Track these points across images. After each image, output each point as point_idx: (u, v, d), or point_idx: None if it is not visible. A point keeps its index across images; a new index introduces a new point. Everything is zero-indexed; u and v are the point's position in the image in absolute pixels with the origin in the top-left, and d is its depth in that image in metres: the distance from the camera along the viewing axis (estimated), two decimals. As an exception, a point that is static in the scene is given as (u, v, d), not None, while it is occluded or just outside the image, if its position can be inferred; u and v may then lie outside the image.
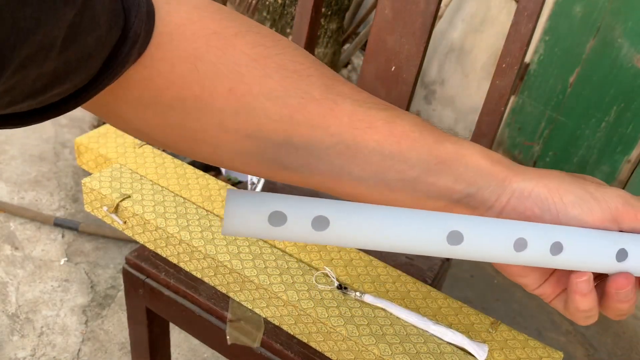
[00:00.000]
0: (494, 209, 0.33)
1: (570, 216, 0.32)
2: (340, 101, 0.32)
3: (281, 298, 0.61)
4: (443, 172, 0.32)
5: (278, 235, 0.30)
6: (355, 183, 0.33)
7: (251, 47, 0.30)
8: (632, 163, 1.39)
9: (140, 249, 0.75)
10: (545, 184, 0.33)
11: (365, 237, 0.31)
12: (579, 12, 1.52)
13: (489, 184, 0.33)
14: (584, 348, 1.46)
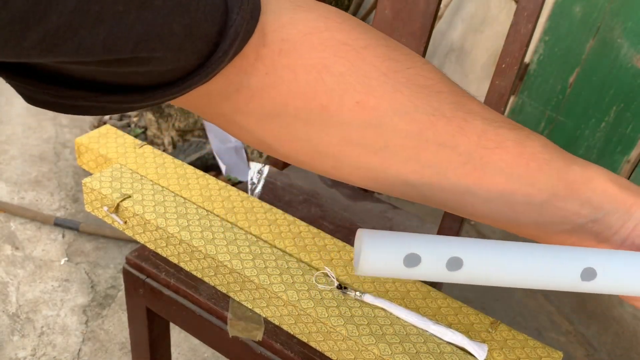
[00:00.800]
0: (619, 235, 0.32)
1: None
2: (470, 119, 0.30)
3: (281, 298, 0.61)
4: (571, 197, 0.31)
5: (412, 275, 0.30)
6: (479, 204, 0.32)
7: (381, 60, 0.29)
8: (632, 163, 1.39)
9: (140, 249, 0.75)
10: None
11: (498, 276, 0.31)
12: (578, 12, 1.52)
13: (616, 209, 0.32)
14: (584, 348, 1.46)
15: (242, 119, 0.30)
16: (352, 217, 0.88)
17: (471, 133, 0.30)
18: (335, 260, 0.68)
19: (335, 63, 0.28)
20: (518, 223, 0.33)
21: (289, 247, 0.69)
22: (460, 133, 0.30)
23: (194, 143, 1.83)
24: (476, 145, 0.30)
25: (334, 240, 0.71)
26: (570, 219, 0.32)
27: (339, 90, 0.29)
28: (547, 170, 0.31)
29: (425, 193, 0.32)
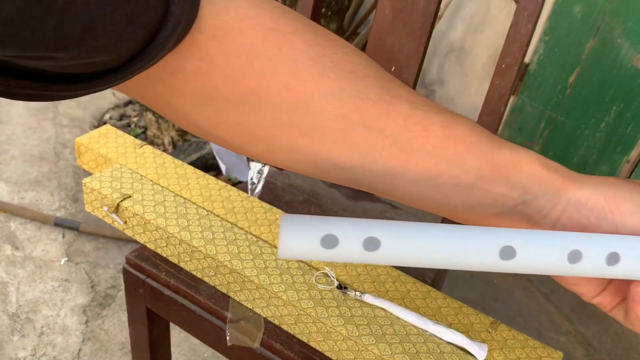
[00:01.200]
0: (550, 218, 0.32)
1: (628, 225, 0.32)
2: (396, 103, 0.31)
3: (281, 298, 0.61)
4: (499, 179, 0.32)
5: (331, 257, 0.30)
6: (409, 187, 0.32)
7: (309, 45, 0.30)
8: (632, 163, 1.39)
9: (140, 249, 0.75)
10: (602, 192, 0.32)
11: (416, 256, 0.31)
12: (578, 12, 1.52)
13: (546, 192, 0.32)
14: (584, 348, 1.46)
15: (178, 103, 0.31)
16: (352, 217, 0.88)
17: (397, 116, 0.31)
18: (335, 260, 0.68)
19: (264, 48, 0.29)
20: (449, 206, 0.33)
21: (289, 247, 0.69)
22: (386, 116, 0.31)
23: (194, 143, 1.83)
24: (402, 129, 0.31)
25: (334, 240, 0.71)
26: (500, 202, 0.32)
27: (268, 74, 0.30)
28: (474, 152, 0.32)
29: (356, 176, 0.33)
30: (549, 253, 0.31)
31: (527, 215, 0.33)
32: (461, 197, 0.32)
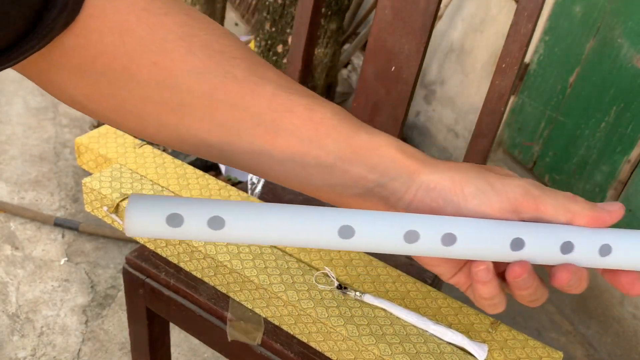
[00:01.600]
0: (404, 201, 0.34)
1: (470, 207, 0.33)
2: (262, 84, 0.33)
3: (281, 298, 0.61)
4: (357, 161, 0.34)
5: (176, 236, 0.32)
6: (275, 165, 0.34)
7: (179, 26, 0.32)
8: (632, 163, 1.39)
9: (140, 249, 0.75)
10: (450, 176, 0.33)
11: (260, 234, 0.32)
12: (579, 12, 1.52)
13: (400, 175, 0.34)
14: (584, 348, 1.46)
15: (57, 76, 0.33)
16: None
17: (262, 97, 0.33)
18: (335, 260, 0.68)
19: (137, 27, 0.31)
20: (314, 185, 0.35)
21: (289, 247, 0.69)
22: (251, 96, 0.33)
23: (194, 143, 1.83)
24: (267, 108, 0.33)
25: (334, 240, 0.71)
26: (359, 183, 0.34)
27: (138, 51, 0.31)
28: (334, 135, 0.33)
29: (224, 153, 0.34)
30: (386, 233, 0.32)
31: (384, 197, 0.34)
32: (324, 176, 0.34)
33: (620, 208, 0.33)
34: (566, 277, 0.32)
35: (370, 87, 0.86)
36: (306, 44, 0.89)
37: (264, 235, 0.32)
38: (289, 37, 1.57)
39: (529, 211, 0.33)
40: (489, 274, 0.33)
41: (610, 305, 1.43)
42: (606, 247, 0.33)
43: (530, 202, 0.33)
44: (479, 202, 0.33)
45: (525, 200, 0.33)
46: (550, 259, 0.33)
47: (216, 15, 1.85)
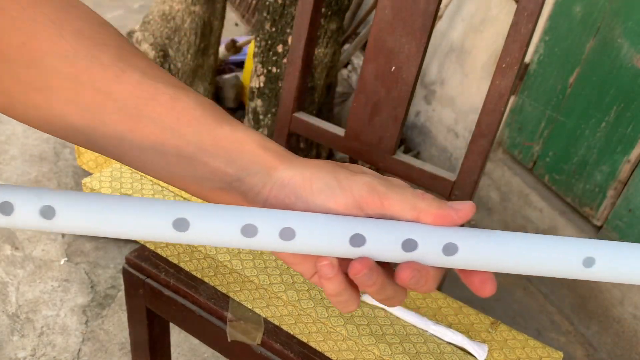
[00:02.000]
0: (261, 196, 0.34)
1: (317, 203, 0.33)
2: (128, 71, 0.34)
3: (281, 298, 0.61)
4: (217, 154, 0.34)
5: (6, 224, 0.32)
6: (137, 153, 0.35)
7: (53, 10, 0.33)
8: (632, 163, 1.39)
9: (140, 249, 0.75)
10: (302, 172, 0.34)
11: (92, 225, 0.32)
12: (579, 12, 1.52)
13: (258, 170, 0.34)
14: (584, 348, 1.46)
15: None
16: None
17: (127, 83, 0.33)
18: (335, 260, 0.68)
19: (10, 7, 0.32)
20: (176, 176, 0.35)
21: (289, 247, 0.69)
22: (115, 81, 0.33)
23: (194, 143, 1.83)
24: (131, 95, 0.33)
25: (334, 240, 0.71)
26: (219, 176, 0.34)
27: (9, 31, 0.32)
28: (196, 125, 0.34)
29: (89, 137, 0.35)
30: (224, 226, 0.32)
31: (243, 192, 0.34)
32: (184, 167, 0.34)
33: (469, 207, 0.33)
34: (407, 274, 0.32)
35: (370, 87, 0.86)
36: (306, 44, 0.89)
37: (96, 226, 0.32)
38: (289, 37, 1.57)
39: (374, 208, 0.33)
40: (332, 270, 0.33)
41: (610, 305, 1.43)
42: (451, 245, 0.32)
43: (375, 199, 0.33)
44: (325, 197, 0.33)
45: (370, 196, 0.33)
46: (393, 256, 0.33)
47: (216, 15, 1.86)
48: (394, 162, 0.87)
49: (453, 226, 0.33)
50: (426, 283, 0.33)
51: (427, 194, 0.34)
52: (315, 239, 0.32)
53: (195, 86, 1.91)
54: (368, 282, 0.32)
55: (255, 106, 1.68)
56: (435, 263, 0.33)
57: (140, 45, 1.82)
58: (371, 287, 0.33)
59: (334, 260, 0.33)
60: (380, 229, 0.33)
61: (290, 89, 0.92)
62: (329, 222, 0.32)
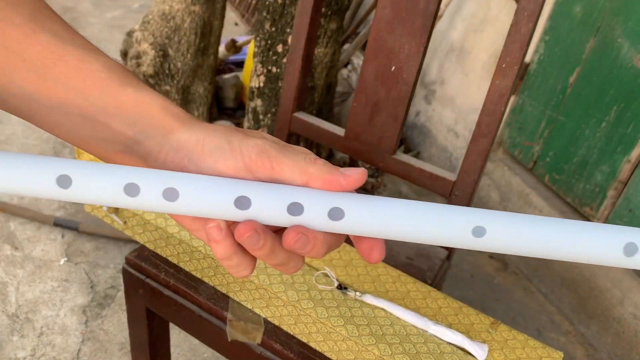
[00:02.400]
0: (159, 160, 0.34)
1: (207, 165, 0.33)
2: (39, 31, 0.34)
3: (281, 298, 0.61)
4: (118, 116, 0.34)
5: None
6: (44, 113, 0.35)
7: None
8: (632, 163, 1.39)
9: (140, 249, 0.74)
10: (197, 134, 0.34)
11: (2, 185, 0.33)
12: (579, 12, 1.52)
13: (156, 134, 0.34)
14: (584, 348, 1.46)
15: None
16: None
17: (37, 43, 0.34)
18: (335, 260, 0.68)
19: None
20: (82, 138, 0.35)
21: (289, 247, 0.68)
22: (25, 41, 0.34)
23: (194, 143, 1.83)
24: (39, 55, 0.34)
25: (334, 240, 0.71)
26: (120, 139, 0.34)
27: None
28: (100, 87, 0.34)
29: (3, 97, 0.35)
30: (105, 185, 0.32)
31: (142, 155, 0.34)
32: (88, 129, 0.35)
33: (360, 174, 0.33)
34: (292, 237, 0.32)
35: (370, 87, 0.86)
36: (306, 44, 0.89)
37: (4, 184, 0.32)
38: (289, 36, 1.57)
39: (264, 171, 0.33)
40: (220, 233, 0.32)
41: (610, 305, 1.43)
42: (338, 210, 0.32)
43: (265, 162, 0.33)
44: (215, 160, 0.33)
45: (259, 159, 0.33)
46: (279, 219, 0.32)
47: (216, 15, 1.86)
48: (394, 162, 0.87)
49: (341, 192, 0.33)
50: (314, 248, 0.33)
51: (320, 159, 0.34)
52: (199, 200, 0.32)
53: (195, 86, 1.91)
54: (255, 245, 0.32)
55: (255, 106, 1.68)
56: (322, 227, 0.33)
57: (140, 45, 1.82)
58: (260, 251, 0.33)
59: (222, 222, 0.33)
60: (266, 192, 0.32)
61: (290, 89, 0.92)
62: (214, 184, 0.32)
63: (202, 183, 0.32)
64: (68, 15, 2.92)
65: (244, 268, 0.34)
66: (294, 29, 0.89)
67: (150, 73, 1.82)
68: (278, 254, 0.33)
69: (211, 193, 0.32)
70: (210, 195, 0.32)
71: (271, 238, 0.32)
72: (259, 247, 0.32)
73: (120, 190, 0.32)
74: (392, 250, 0.83)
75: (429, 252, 0.85)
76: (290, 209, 0.32)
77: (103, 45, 2.64)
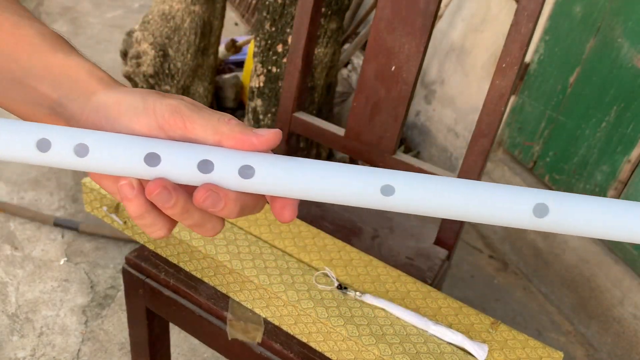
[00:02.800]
0: (80, 122, 0.35)
1: (122, 124, 0.34)
2: None
3: (281, 298, 0.61)
4: (45, 79, 0.35)
5: None
6: None
7: None
8: (633, 163, 1.39)
9: (140, 249, 0.74)
10: (116, 96, 0.34)
11: None
12: (579, 12, 1.52)
13: (79, 96, 0.35)
14: (584, 348, 1.46)
15: None
16: (352, 217, 0.88)
17: None
18: (335, 260, 0.68)
19: None
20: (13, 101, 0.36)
21: (289, 247, 0.68)
22: None
23: (194, 143, 1.83)
24: None
25: (334, 240, 0.71)
26: (46, 102, 0.35)
27: None
28: (30, 51, 0.35)
29: None
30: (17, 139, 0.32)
31: (66, 118, 0.35)
32: (18, 91, 0.36)
33: (273, 134, 0.33)
34: (201, 194, 0.32)
35: (370, 87, 0.86)
36: (306, 44, 0.88)
37: None
38: (289, 36, 1.56)
39: (177, 130, 0.33)
40: (132, 191, 0.33)
41: (611, 305, 1.43)
42: (248, 169, 0.32)
43: (178, 121, 0.33)
44: (130, 119, 0.33)
45: (172, 118, 0.33)
46: (190, 177, 0.33)
47: (216, 15, 1.85)
48: (394, 162, 0.87)
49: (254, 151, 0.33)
50: (225, 206, 0.33)
51: (235, 119, 0.34)
52: (109, 156, 0.32)
53: (195, 86, 1.91)
54: (166, 203, 0.32)
55: (255, 106, 1.68)
56: (232, 186, 0.33)
57: (140, 45, 1.82)
58: (172, 209, 0.33)
59: (134, 180, 0.33)
60: (176, 150, 0.33)
61: (290, 89, 0.92)
62: (124, 140, 0.33)
63: (112, 140, 0.33)
64: (68, 15, 2.92)
65: (158, 228, 0.35)
66: (294, 29, 0.89)
67: (150, 73, 1.82)
68: (192, 214, 0.34)
69: (121, 150, 0.32)
70: (120, 152, 0.32)
71: (183, 197, 0.33)
72: (171, 205, 0.32)
73: (32, 146, 0.32)
74: (392, 250, 0.83)
75: (429, 252, 0.85)
76: (201, 167, 0.32)
77: (103, 45, 2.64)
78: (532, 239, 1.67)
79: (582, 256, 1.51)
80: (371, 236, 0.84)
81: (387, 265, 0.69)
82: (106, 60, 2.43)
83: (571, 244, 1.55)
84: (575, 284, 1.54)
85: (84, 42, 2.62)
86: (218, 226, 0.35)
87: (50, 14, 2.86)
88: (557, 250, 1.59)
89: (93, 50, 2.54)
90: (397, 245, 0.84)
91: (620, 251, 1.41)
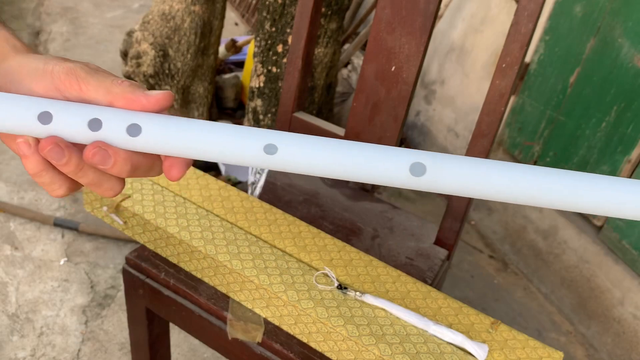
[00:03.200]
0: None
1: (24, 85, 0.35)
2: None
3: (281, 298, 0.61)
4: None
5: None
6: None
7: None
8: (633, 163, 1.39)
9: (140, 249, 0.74)
10: (23, 60, 0.36)
11: None
12: (579, 12, 1.52)
13: None
14: (584, 348, 1.46)
15: None
16: (352, 217, 0.88)
17: None
18: (335, 260, 0.68)
19: None
20: None
21: (289, 247, 0.68)
22: None
23: (194, 143, 1.83)
24: None
25: (334, 240, 0.71)
26: None
27: None
28: None
29: None
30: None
31: None
32: None
33: (163, 95, 0.34)
34: (89, 151, 0.33)
35: (370, 87, 0.86)
36: (306, 44, 0.88)
37: None
38: (289, 36, 1.56)
39: (72, 91, 0.35)
40: (29, 148, 0.34)
41: (611, 306, 1.43)
42: (135, 127, 0.34)
43: (73, 82, 0.34)
44: (30, 80, 0.35)
45: (67, 79, 0.34)
46: (80, 135, 0.34)
47: (216, 15, 1.85)
48: (394, 162, 0.87)
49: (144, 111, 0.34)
50: (115, 164, 0.34)
51: (128, 81, 0.35)
52: (3, 114, 0.34)
53: (195, 86, 1.91)
54: (59, 160, 0.34)
55: (255, 106, 1.68)
56: (121, 144, 0.34)
57: (140, 44, 1.82)
58: (66, 167, 0.34)
59: (30, 139, 0.34)
60: (68, 108, 0.34)
61: (290, 89, 0.92)
62: (19, 100, 0.34)
63: (8, 99, 0.34)
64: (68, 15, 2.92)
65: (58, 187, 0.36)
66: (294, 29, 0.89)
67: (150, 73, 1.82)
68: (87, 172, 0.35)
69: (15, 108, 0.34)
70: (14, 111, 0.34)
71: (77, 155, 0.34)
72: (64, 162, 0.34)
73: None
74: (392, 250, 0.83)
75: (429, 252, 0.85)
76: (91, 125, 0.34)
77: (103, 45, 2.64)
78: (532, 239, 1.67)
79: (582, 256, 1.51)
80: (371, 236, 0.84)
81: (387, 265, 0.69)
82: (106, 60, 2.43)
83: (571, 244, 1.55)
84: (575, 284, 1.54)
85: (84, 42, 2.62)
86: (117, 187, 0.36)
87: (50, 14, 2.86)
88: (557, 250, 1.59)
89: (93, 50, 2.54)
90: (397, 245, 0.84)
91: (620, 251, 1.41)
